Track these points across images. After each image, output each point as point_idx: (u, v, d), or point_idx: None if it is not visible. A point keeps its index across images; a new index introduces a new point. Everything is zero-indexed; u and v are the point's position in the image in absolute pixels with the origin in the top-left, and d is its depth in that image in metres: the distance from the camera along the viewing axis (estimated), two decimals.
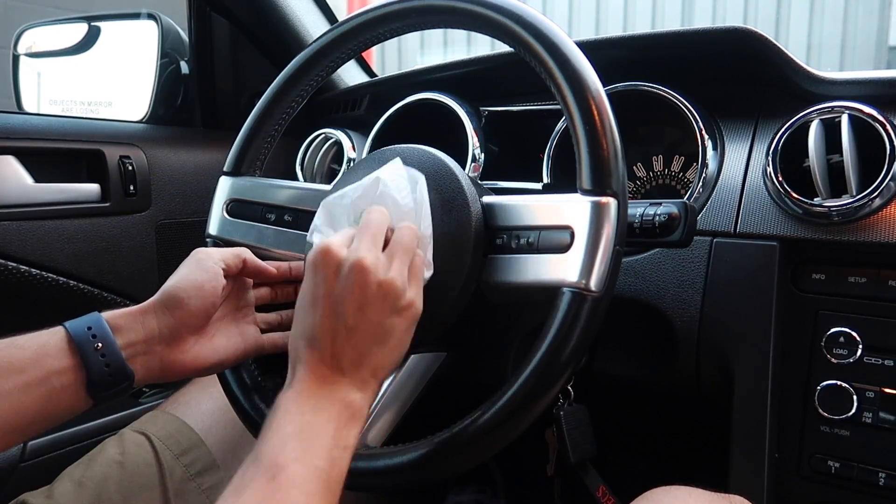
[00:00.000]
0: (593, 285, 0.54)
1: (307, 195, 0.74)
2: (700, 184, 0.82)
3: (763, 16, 5.40)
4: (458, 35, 5.42)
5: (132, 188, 1.06)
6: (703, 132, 0.83)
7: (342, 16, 0.84)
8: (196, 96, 1.25)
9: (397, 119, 1.08)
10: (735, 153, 0.83)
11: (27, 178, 0.96)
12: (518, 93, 1.05)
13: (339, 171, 1.17)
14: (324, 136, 1.18)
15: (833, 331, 0.74)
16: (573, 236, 0.56)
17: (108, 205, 1.04)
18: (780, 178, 0.75)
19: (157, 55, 1.19)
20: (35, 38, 1.33)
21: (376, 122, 1.10)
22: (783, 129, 0.77)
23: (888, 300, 0.72)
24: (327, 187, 0.71)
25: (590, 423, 0.78)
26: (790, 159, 0.76)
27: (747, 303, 0.76)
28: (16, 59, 1.32)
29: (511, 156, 1.05)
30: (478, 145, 1.01)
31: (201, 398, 0.83)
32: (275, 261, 0.73)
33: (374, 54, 5.19)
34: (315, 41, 0.75)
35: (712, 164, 0.83)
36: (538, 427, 0.66)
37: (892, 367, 0.71)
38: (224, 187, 0.78)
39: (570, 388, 0.77)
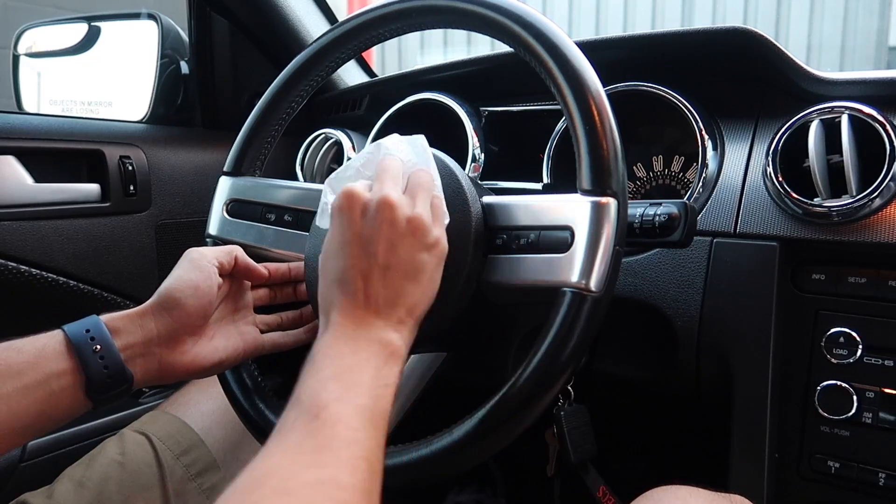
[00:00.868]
0: (593, 285, 0.54)
1: (307, 195, 0.74)
2: (700, 184, 0.82)
3: (763, 16, 5.40)
4: (458, 35, 5.42)
5: (132, 188, 1.06)
6: (703, 132, 0.83)
7: (342, 16, 0.84)
8: (196, 96, 1.25)
9: (397, 119, 1.08)
10: (735, 153, 0.83)
11: (27, 178, 0.96)
12: (518, 93, 1.05)
13: None
14: (324, 136, 1.18)
15: (833, 331, 0.74)
16: (573, 236, 0.56)
17: (108, 205, 1.04)
18: (780, 179, 0.75)
19: (157, 55, 1.19)
20: (35, 38, 1.33)
21: (376, 122, 1.10)
22: (783, 129, 0.77)
23: (888, 300, 0.72)
24: None
25: (590, 423, 0.78)
26: (790, 159, 0.76)
27: (747, 303, 0.76)
28: (16, 59, 1.32)
29: (511, 156, 1.05)
30: (478, 145, 1.01)
31: (201, 398, 0.83)
32: (274, 261, 0.73)
33: (374, 54, 5.19)
34: (315, 41, 0.75)
35: (712, 164, 0.83)
36: (538, 427, 0.66)
37: (892, 367, 0.71)
38: (224, 187, 0.78)
39: (570, 388, 0.77)
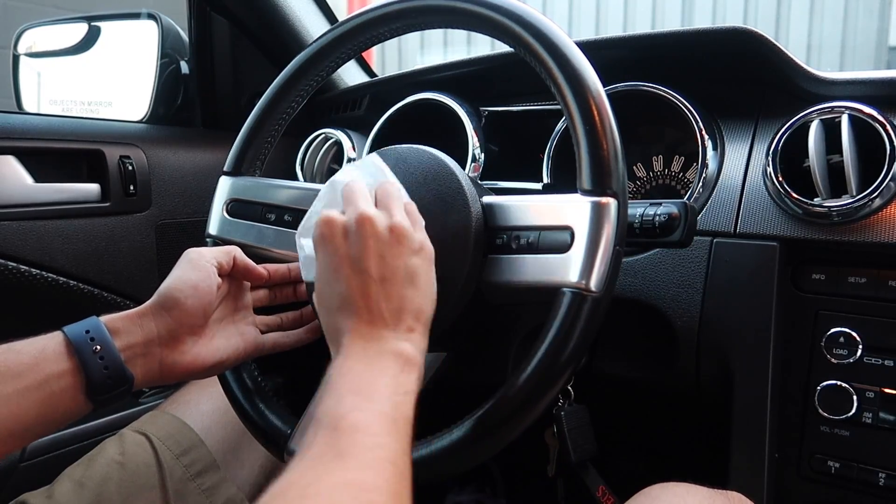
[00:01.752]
0: (593, 285, 0.54)
1: (307, 195, 0.73)
2: (700, 184, 0.82)
3: (763, 16, 5.40)
4: (458, 35, 5.42)
5: (132, 188, 1.06)
6: (703, 132, 0.83)
7: (342, 16, 0.84)
8: (196, 96, 1.25)
9: (397, 119, 1.08)
10: (735, 153, 0.83)
11: (27, 178, 0.96)
12: (518, 93, 1.05)
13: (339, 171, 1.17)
14: (324, 136, 1.18)
15: (833, 331, 0.74)
16: (573, 236, 0.56)
17: (108, 205, 1.04)
18: (780, 178, 0.75)
19: (157, 55, 1.19)
20: (35, 38, 1.33)
21: (376, 122, 1.10)
22: (783, 130, 0.77)
23: (888, 300, 0.72)
24: None
25: (590, 423, 0.78)
26: (790, 159, 0.76)
27: (747, 303, 0.76)
28: (16, 59, 1.32)
29: (511, 156, 1.05)
30: (478, 145, 1.01)
31: (201, 398, 0.83)
32: (274, 262, 0.73)
33: (374, 54, 5.19)
34: (315, 41, 0.75)
35: (712, 164, 0.83)
36: (538, 427, 0.66)
37: (892, 367, 0.71)
38: (224, 187, 0.78)
39: (570, 388, 0.77)
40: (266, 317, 0.73)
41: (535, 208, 0.60)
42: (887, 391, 0.71)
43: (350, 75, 1.34)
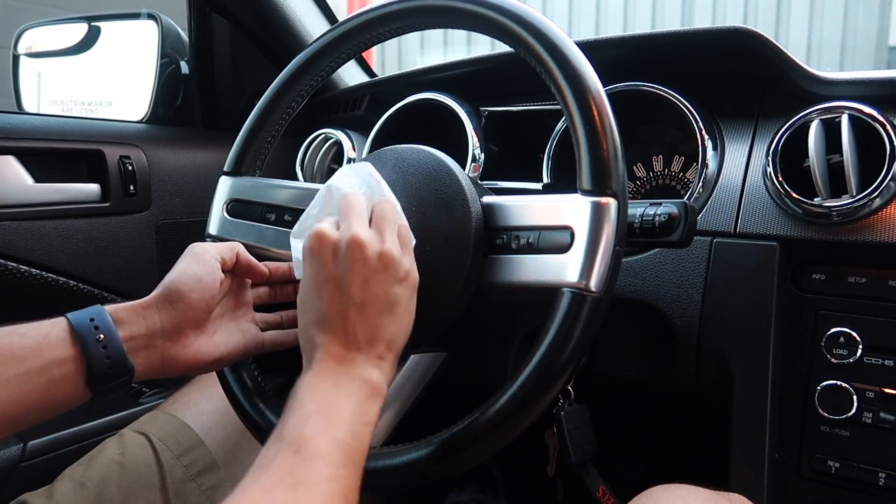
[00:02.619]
0: (593, 285, 0.54)
1: (307, 195, 0.73)
2: (700, 184, 0.82)
3: (763, 16, 5.40)
4: (458, 35, 5.42)
5: (132, 188, 1.06)
6: (703, 132, 0.83)
7: (342, 16, 0.84)
8: (196, 96, 1.25)
9: (397, 119, 1.08)
10: (735, 153, 0.83)
11: (27, 178, 0.96)
12: (518, 93, 1.05)
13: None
14: (324, 136, 1.18)
15: (833, 331, 0.74)
16: (573, 236, 0.56)
17: (108, 205, 1.04)
18: (780, 178, 0.75)
19: (157, 55, 1.19)
20: (35, 38, 1.33)
21: (376, 122, 1.10)
22: (783, 129, 0.77)
23: (888, 300, 0.72)
24: None
25: (590, 423, 0.78)
26: (790, 159, 0.76)
27: (747, 303, 0.76)
28: (16, 59, 1.32)
29: (511, 156, 1.05)
30: (478, 145, 1.01)
31: (201, 398, 0.83)
32: (274, 261, 0.73)
33: (374, 54, 5.19)
34: (315, 41, 0.75)
35: (712, 164, 0.83)
36: (538, 427, 0.66)
37: (892, 367, 0.71)
38: (224, 187, 0.78)
39: (570, 388, 0.77)
40: (266, 314, 0.73)
41: (534, 208, 0.60)
42: (887, 391, 0.71)
43: (350, 75, 1.34)
